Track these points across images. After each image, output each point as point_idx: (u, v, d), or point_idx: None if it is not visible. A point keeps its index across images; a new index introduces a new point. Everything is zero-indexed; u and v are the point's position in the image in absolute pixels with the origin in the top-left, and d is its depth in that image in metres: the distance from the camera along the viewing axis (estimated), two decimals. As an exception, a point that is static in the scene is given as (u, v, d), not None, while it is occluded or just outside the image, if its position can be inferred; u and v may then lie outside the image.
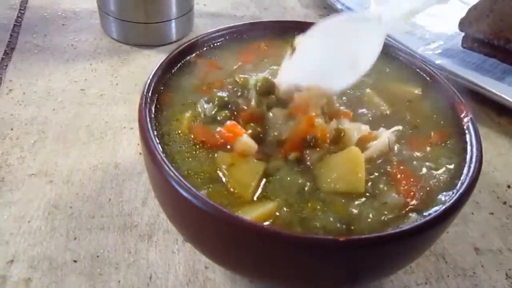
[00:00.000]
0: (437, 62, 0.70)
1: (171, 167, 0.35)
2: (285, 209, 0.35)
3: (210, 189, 0.36)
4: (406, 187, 0.37)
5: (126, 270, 0.45)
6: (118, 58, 0.71)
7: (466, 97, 0.68)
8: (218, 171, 0.37)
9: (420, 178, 0.38)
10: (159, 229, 0.49)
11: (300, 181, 0.37)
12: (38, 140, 0.56)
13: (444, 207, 0.34)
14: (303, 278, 0.35)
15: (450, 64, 0.70)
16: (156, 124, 0.41)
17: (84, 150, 0.56)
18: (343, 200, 0.36)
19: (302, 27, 0.44)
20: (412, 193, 0.37)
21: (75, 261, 0.45)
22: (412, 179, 0.38)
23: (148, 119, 0.39)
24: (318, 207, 0.35)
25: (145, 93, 0.41)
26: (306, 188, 0.36)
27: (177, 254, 0.46)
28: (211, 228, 0.34)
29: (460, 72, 0.68)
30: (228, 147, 0.39)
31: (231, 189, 0.36)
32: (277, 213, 0.35)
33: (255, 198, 0.36)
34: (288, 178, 0.37)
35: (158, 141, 0.38)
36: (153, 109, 0.41)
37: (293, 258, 0.33)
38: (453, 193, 0.36)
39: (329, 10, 0.90)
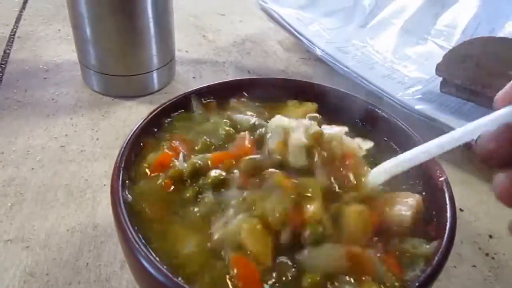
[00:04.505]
0: (417, 107, 0.71)
1: (141, 245, 0.35)
2: None
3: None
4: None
5: None
6: (99, 111, 0.71)
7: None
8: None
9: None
10: (138, 295, 0.48)
11: None
12: (15, 203, 0.56)
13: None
14: None
15: (429, 110, 0.71)
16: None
17: (62, 211, 0.55)
18: None
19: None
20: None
21: (50, 334, 0.44)
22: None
23: (120, 193, 0.39)
24: None
25: (118, 164, 0.41)
26: None
27: (155, 323, 0.46)
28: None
29: (439, 118, 0.68)
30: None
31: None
32: None
33: None
34: None
35: (129, 218, 0.37)
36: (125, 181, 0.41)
37: None
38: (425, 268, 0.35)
39: (310, 54, 0.91)
